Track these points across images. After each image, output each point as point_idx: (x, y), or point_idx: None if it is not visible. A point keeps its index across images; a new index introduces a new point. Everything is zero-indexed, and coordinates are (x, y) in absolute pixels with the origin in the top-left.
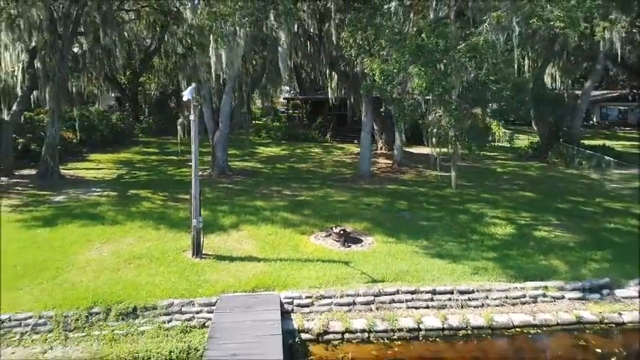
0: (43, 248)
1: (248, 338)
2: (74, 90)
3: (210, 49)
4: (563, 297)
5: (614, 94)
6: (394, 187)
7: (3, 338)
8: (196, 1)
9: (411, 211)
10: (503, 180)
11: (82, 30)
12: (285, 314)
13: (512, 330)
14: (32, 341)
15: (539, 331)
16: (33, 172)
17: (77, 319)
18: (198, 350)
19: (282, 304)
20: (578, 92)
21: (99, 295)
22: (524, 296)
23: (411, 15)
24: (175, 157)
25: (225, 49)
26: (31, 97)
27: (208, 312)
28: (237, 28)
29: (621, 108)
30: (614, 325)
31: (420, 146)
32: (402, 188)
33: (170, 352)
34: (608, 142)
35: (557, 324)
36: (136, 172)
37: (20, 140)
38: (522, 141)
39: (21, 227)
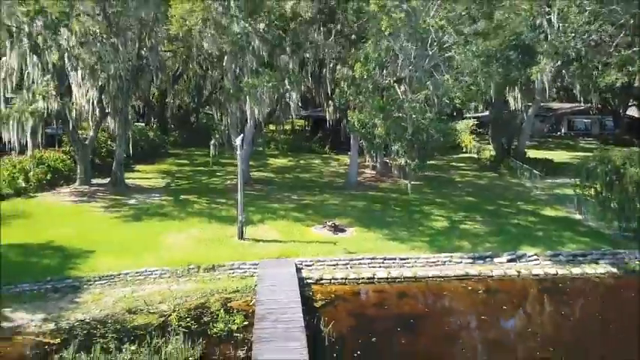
0: (142, 235)
1: (278, 280)
2: None
3: (247, 107)
4: (461, 262)
5: (581, 108)
6: (373, 194)
7: (144, 281)
8: (235, 73)
9: (382, 211)
10: (458, 188)
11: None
12: (298, 270)
13: (428, 279)
14: (160, 283)
15: (443, 279)
16: (103, 181)
17: (182, 272)
18: (251, 287)
19: (295, 265)
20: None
21: (189, 259)
22: (437, 261)
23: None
24: (204, 168)
25: (255, 104)
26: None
27: (255, 268)
28: (265, 91)
29: (586, 121)
30: (486, 278)
31: None
32: (379, 194)
33: (236, 287)
34: (555, 153)
35: (454, 276)
36: (178, 180)
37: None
38: (491, 151)
39: (120, 222)
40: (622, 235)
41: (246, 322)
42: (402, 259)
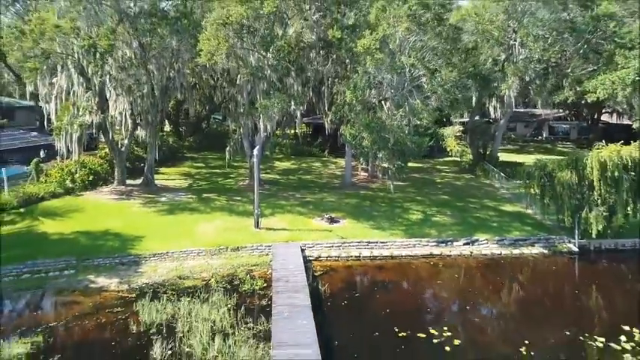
0: (177, 225)
1: (288, 257)
2: None
3: (260, 122)
4: (427, 245)
5: (561, 115)
6: (364, 193)
7: (186, 257)
8: (245, 95)
9: (370, 206)
10: (437, 187)
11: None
12: (302, 250)
13: (401, 257)
14: (198, 259)
15: (412, 257)
16: (135, 182)
17: (214, 251)
18: (267, 262)
19: (300, 247)
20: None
21: (218, 242)
22: (409, 244)
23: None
24: (219, 170)
25: (267, 120)
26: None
27: (269, 249)
28: (275, 110)
29: (565, 126)
30: (446, 256)
31: None
32: (369, 193)
33: (256, 262)
34: (530, 157)
35: (421, 255)
36: (198, 181)
37: None
38: (469, 155)
39: (157, 215)
40: (557, 225)
41: (265, 285)
42: (382, 242)
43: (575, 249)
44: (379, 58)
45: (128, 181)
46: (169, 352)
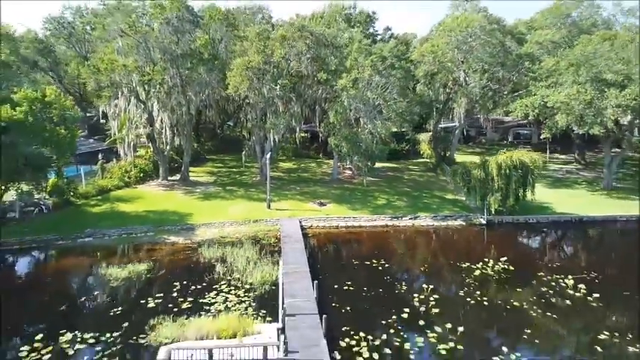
0: (213, 207)
1: (290, 226)
2: None
3: (270, 135)
4: (384, 219)
5: (524, 122)
6: (347, 186)
7: (224, 226)
8: (258, 112)
9: (349, 195)
10: (403, 182)
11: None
12: (300, 222)
13: (366, 227)
14: (231, 227)
15: (374, 227)
16: (173, 178)
17: (242, 222)
18: (277, 229)
19: (299, 220)
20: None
21: (244, 217)
22: (372, 219)
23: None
24: (235, 169)
25: (275, 134)
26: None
27: (278, 221)
28: (281, 126)
29: (526, 132)
30: (396, 227)
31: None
32: (350, 186)
33: (269, 229)
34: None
35: (380, 226)
36: (220, 177)
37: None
38: (434, 158)
39: (197, 200)
40: (475, 207)
41: (275, 241)
42: (354, 217)
43: (484, 222)
44: (352, 93)
45: (169, 177)
46: (225, 269)
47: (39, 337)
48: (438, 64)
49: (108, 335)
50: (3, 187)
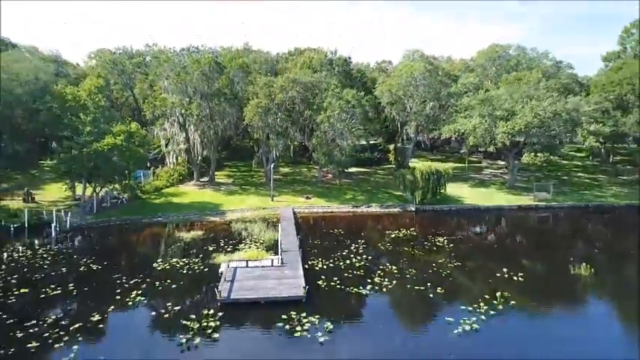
0: (235, 199)
1: (286, 213)
2: None
3: (273, 149)
4: (348, 207)
5: None
6: (328, 185)
7: (243, 212)
8: (265, 133)
9: (328, 192)
10: (368, 183)
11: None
12: (293, 210)
13: (337, 213)
14: (248, 212)
15: (341, 212)
16: (203, 179)
17: (255, 209)
18: (278, 214)
19: (292, 209)
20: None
21: (256, 205)
22: (340, 207)
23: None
24: (246, 173)
25: (277, 150)
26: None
27: (278, 209)
28: (280, 145)
29: None
30: (354, 212)
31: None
32: (329, 186)
33: (273, 213)
34: (441, 165)
35: (345, 212)
36: (236, 179)
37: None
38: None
39: (223, 195)
40: (409, 199)
41: (276, 220)
42: (328, 206)
43: (413, 209)
44: (329, 124)
45: (200, 179)
46: (247, 234)
47: (159, 260)
48: (393, 97)
49: (195, 260)
50: (101, 187)
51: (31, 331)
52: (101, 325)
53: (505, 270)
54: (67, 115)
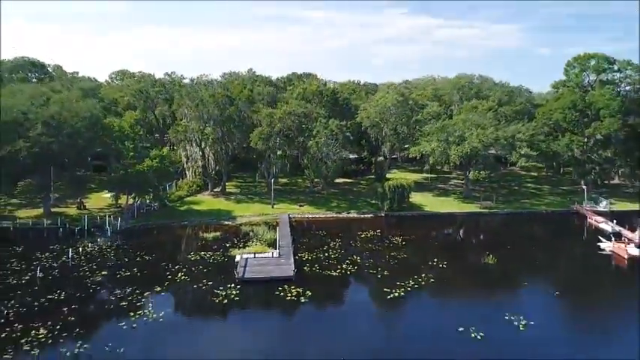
0: (243, 207)
1: (283, 218)
2: None
3: (274, 166)
4: (333, 213)
5: None
6: (318, 195)
7: (250, 217)
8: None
9: (318, 200)
10: (351, 192)
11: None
12: (289, 215)
13: (325, 218)
14: (255, 217)
15: (328, 218)
16: (216, 190)
17: (259, 214)
18: (277, 219)
19: (288, 215)
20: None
21: (260, 211)
22: (327, 213)
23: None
24: (251, 184)
25: (277, 166)
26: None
27: (277, 215)
28: (279, 163)
29: None
30: (338, 217)
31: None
32: (319, 195)
33: (273, 218)
34: (414, 176)
35: (330, 217)
36: (243, 190)
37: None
38: (394, 174)
39: (233, 203)
40: (380, 207)
41: (276, 224)
42: (316, 213)
43: (383, 215)
44: (317, 148)
45: (213, 190)
46: (253, 234)
47: (191, 253)
48: (372, 122)
49: (217, 253)
50: (139, 198)
51: (120, 297)
52: (163, 293)
53: (435, 260)
54: (114, 143)
